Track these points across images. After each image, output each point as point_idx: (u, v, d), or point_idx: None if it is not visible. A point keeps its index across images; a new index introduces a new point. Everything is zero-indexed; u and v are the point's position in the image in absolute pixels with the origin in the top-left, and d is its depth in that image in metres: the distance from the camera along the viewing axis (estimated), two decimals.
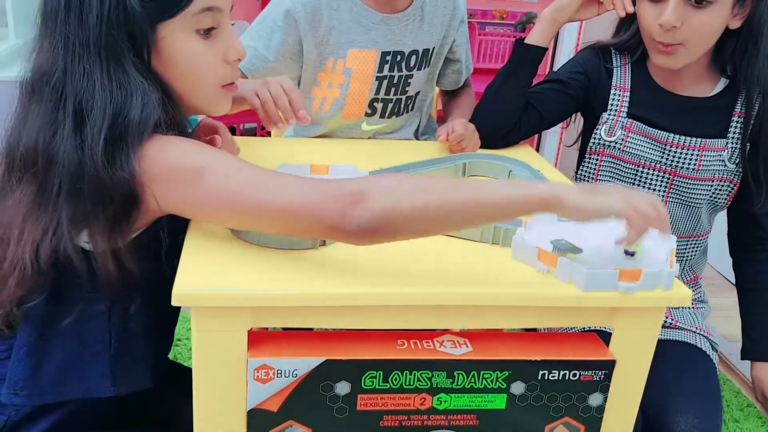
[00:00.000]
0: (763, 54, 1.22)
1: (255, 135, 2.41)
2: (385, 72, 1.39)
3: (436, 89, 1.61)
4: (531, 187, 0.82)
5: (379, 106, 1.43)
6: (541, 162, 1.29)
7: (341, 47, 1.36)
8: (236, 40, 0.91)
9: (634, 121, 1.30)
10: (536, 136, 2.60)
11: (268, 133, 1.90)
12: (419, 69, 1.43)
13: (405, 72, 1.41)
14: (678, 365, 1.24)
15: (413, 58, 1.41)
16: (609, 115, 1.32)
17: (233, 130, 2.33)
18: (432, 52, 1.44)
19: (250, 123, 2.42)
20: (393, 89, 1.42)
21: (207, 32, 0.87)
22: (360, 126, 1.46)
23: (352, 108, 1.42)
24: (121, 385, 0.90)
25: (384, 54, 1.38)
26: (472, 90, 1.59)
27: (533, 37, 1.33)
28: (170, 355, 1.89)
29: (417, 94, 1.48)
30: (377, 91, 1.41)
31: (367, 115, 1.44)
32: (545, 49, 1.34)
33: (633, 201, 0.81)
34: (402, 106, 1.46)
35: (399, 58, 1.39)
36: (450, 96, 1.60)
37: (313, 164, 1.10)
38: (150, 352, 0.93)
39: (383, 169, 1.12)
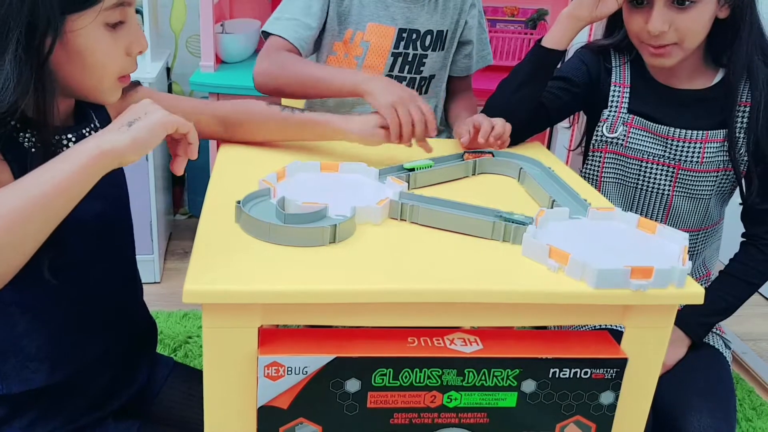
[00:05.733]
0: (746, 40, 1.20)
1: None
2: (401, 49, 1.45)
3: None
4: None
5: None
6: (552, 159, 1.29)
7: (361, 20, 1.43)
8: (141, 34, 0.90)
9: (635, 117, 1.29)
10: (547, 133, 2.59)
11: None
12: (434, 50, 1.48)
13: (420, 51, 1.46)
14: (691, 363, 1.24)
15: (428, 38, 1.46)
16: (610, 111, 1.32)
17: None
18: (446, 35, 1.49)
19: None
20: (407, 67, 1.46)
21: (114, 26, 0.86)
22: None
23: None
24: (12, 384, 0.91)
25: (401, 31, 1.44)
26: (472, 94, 1.61)
27: (552, 39, 1.28)
28: (180, 353, 1.93)
29: (432, 77, 1.51)
30: (392, 68, 1.46)
31: None
32: (564, 53, 1.30)
33: None
34: (416, 86, 1.49)
35: (414, 36, 1.45)
36: (452, 96, 1.60)
37: (323, 162, 1.10)
38: (46, 352, 0.93)
39: (393, 167, 1.12)
